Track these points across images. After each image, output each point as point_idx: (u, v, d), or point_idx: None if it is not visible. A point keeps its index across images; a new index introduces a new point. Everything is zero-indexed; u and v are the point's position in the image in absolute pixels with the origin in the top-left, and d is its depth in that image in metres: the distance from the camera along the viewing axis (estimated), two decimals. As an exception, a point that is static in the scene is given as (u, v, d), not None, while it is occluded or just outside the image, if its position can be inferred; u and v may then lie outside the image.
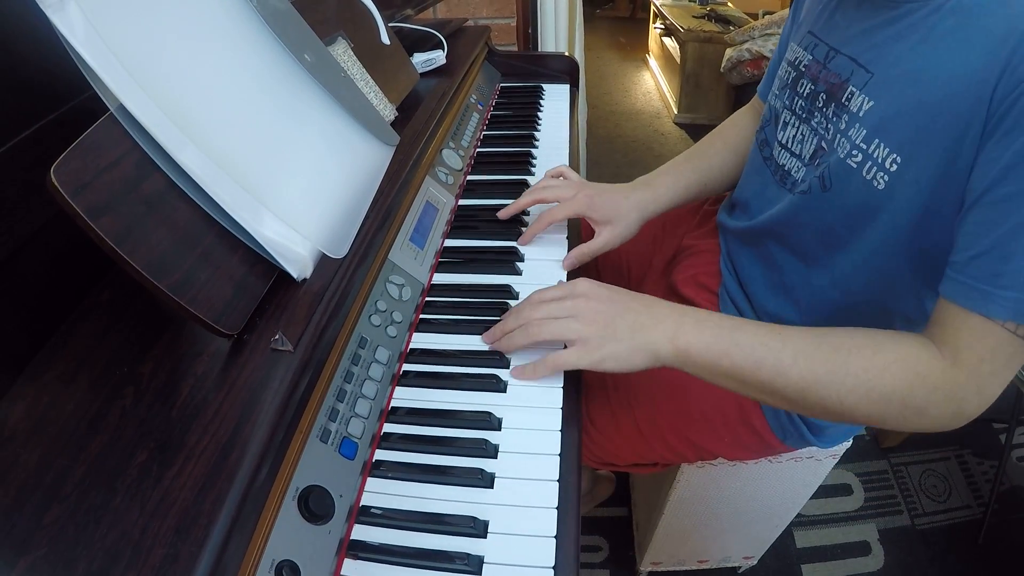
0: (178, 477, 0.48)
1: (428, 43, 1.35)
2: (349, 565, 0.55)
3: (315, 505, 0.53)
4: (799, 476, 1.15)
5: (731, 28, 3.56)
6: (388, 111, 1.00)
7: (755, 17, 3.85)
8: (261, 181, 0.63)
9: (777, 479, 1.15)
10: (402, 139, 0.92)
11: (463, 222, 1.00)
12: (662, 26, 4.15)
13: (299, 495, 0.53)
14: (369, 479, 0.61)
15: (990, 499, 1.64)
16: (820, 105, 0.76)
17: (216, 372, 0.56)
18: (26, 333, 0.61)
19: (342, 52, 0.94)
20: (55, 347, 0.61)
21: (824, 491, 1.67)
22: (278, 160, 0.67)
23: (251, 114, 0.66)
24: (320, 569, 0.52)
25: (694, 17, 3.79)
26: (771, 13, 3.81)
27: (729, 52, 3.25)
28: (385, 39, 1.06)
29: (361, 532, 0.57)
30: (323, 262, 0.67)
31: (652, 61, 4.61)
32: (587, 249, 0.91)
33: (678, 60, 3.69)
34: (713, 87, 3.60)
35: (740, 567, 1.49)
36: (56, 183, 0.48)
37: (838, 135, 0.72)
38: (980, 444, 1.85)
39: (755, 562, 1.47)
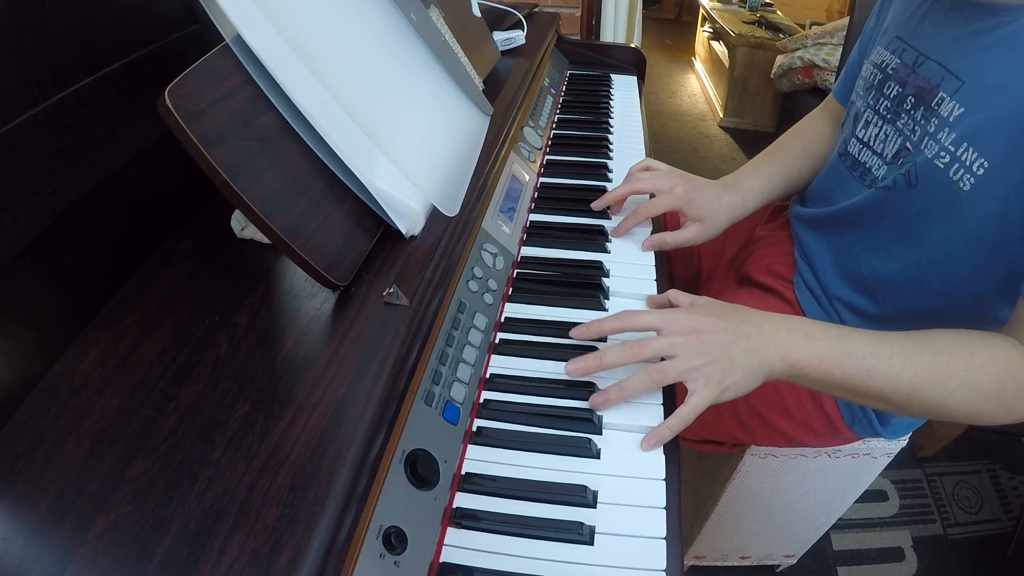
0: (288, 431, 0.42)
1: (506, 22, 1.30)
2: (453, 534, 0.49)
3: (423, 469, 0.48)
4: (851, 474, 1.10)
5: (780, 35, 3.44)
6: (477, 83, 0.94)
7: (802, 26, 3.73)
8: (378, 129, 0.57)
9: (832, 475, 1.10)
10: (495, 111, 0.86)
11: (546, 200, 0.94)
12: (711, 30, 4.03)
13: (406, 458, 0.48)
14: (470, 446, 0.56)
15: (1021, 514, 1.58)
16: (908, 108, 0.75)
17: (323, 324, 0.51)
18: (98, 276, 0.56)
19: (435, 19, 0.89)
20: (131, 293, 0.55)
21: (862, 495, 1.61)
22: (394, 110, 0.61)
23: (368, 62, 0.60)
24: (426, 537, 0.47)
25: (744, 23, 3.67)
26: (818, 23, 3.68)
27: (780, 59, 3.13)
28: (476, 11, 1.01)
29: (464, 500, 0.52)
30: (429, 221, 0.61)
31: (698, 64, 4.49)
32: (671, 239, 0.87)
33: (726, 64, 3.57)
34: (760, 93, 3.48)
35: (779, 565, 1.43)
36: (171, 106, 0.43)
37: (926, 137, 0.71)
38: (1012, 459, 1.78)
39: (795, 561, 1.41)
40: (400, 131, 0.60)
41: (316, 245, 0.50)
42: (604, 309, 0.73)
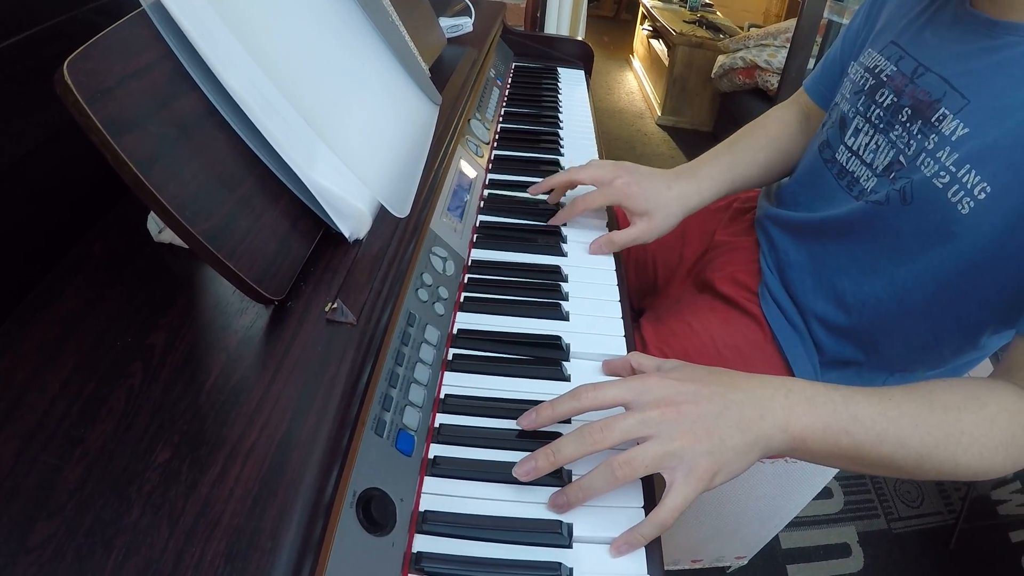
0: (220, 483, 0.35)
1: (452, 8, 1.24)
2: (415, 584, 0.43)
3: (377, 512, 0.41)
4: (808, 477, 1.09)
5: (720, 36, 3.50)
6: (424, 69, 0.87)
7: (741, 28, 3.80)
8: (319, 115, 0.50)
9: (787, 478, 1.08)
10: (443, 100, 0.80)
11: (497, 198, 0.88)
12: (651, 28, 4.05)
13: (357, 501, 0.41)
14: (427, 479, 0.50)
15: (961, 507, 1.62)
16: (903, 119, 0.72)
17: (256, 347, 0.44)
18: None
19: (379, -1, 0.82)
20: (33, 309, 0.47)
21: (808, 494, 1.65)
22: (338, 94, 0.54)
23: (309, 38, 0.53)
24: (384, 592, 0.40)
25: (685, 22, 3.71)
26: (757, 25, 3.76)
27: (721, 59, 3.17)
28: (422, -7, 0.94)
29: (424, 543, 0.46)
30: (375, 223, 0.55)
31: (636, 62, 4.52)
32: (618, 238, 0.81)
33: (666, 63, 3.60)
34: (699, 92, 3.52)
35: (730, 567, 1.42)
36: (70, 82, 0.36)
37: (923, 153, 0.68)
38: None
39: (745, 562, 1.41)
40: (345, 119, 0.53)
41: (245, 253, 0.43)
42: (563, 315, 0.68)
